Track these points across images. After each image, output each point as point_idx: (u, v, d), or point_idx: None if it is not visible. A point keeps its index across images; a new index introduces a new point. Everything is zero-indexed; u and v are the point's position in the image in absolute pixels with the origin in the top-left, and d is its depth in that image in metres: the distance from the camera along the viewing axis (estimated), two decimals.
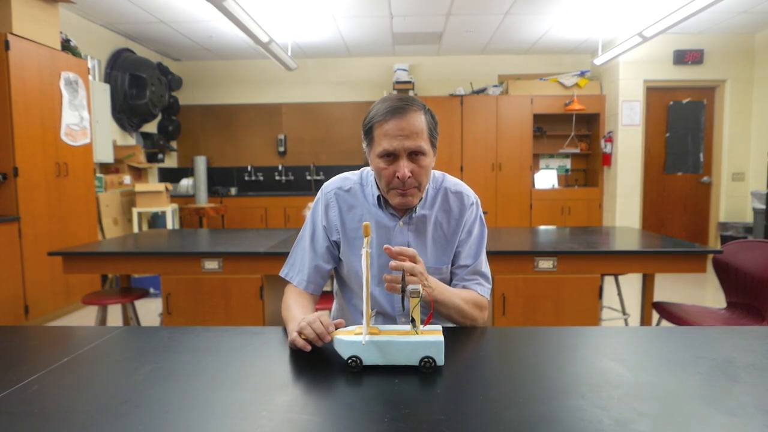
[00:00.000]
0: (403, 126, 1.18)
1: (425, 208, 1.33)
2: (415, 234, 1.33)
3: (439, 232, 1.34)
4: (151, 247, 2.59)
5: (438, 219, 1.34)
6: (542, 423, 0.74)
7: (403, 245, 1.24)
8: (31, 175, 3.74)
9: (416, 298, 0.97)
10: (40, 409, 0.82)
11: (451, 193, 1.35)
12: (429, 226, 1.33)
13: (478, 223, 1.36)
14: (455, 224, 1.34)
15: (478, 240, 1.36)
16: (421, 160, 1.21)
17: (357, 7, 4.85)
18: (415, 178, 1.22)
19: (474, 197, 1.38)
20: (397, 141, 1.18)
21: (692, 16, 4.07)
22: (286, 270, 1.41)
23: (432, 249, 1.33)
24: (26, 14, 3.69)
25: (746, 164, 6.03)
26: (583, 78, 6.42)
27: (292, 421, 0.77)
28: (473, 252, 1.35)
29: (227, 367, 0.99)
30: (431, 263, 1.32)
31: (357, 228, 1.34)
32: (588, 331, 1.21)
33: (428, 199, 1.34)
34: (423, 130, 1.20)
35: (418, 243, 1.32)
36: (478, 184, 6.43)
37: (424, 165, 1.22)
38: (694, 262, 2.40)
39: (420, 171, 1.22)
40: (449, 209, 1.34)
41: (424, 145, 1.20)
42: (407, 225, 1.32)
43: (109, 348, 1.11)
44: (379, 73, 6.89)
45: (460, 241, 1.34)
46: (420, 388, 0.88)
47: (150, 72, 5.77)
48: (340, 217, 1.35)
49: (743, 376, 0.91)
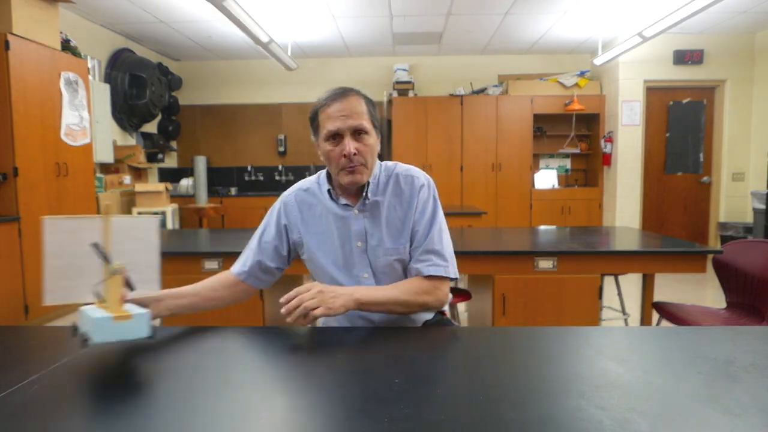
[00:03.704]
0: (345, 107, 1.29)
1: (378, 194, 1.39)
2: (371, 219, 1.39)
3: (393, 215, 1.39)
4: None
5: (391, 203, 1.39)
6: (542, 423, 0.74)
7: (360, 232, 1.38)
8: (31, 175, 3.73)
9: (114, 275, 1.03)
10: (40, 409, 0.82)
11: (402, 177, 1.41)
12: (383, 210, 1.39)
13: (430, 203, 1.40)
14: (407, 206, 1.39)
15: (430, 219, 1.39)
16: (365, 138, 1.31)
17: (357, 7, 4.85)
18: (361, 155, 1.31)
19: (425, 179, 1.42)
20: (339, 121, 1.29)
21: (692, 16, 4.07)
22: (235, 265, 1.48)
23: (387, 232, 1.38)
24: (26, 14, 3.68)
25: (746, 164, 6.03)
26: (583, 78, 6.42)
27: (292, 421, 0.77)
28: (425, 231, 1.38)
29: (227, 368, 0.99)
30: (389, 245, 1.38)
31: (318, 224, 1.42)
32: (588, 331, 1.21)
33: (380, 185, 1.40)
34: (364, 111, 1.31)
35: (374, 228, 1.38)
36: (478, 184, 6.43)
37: (369, 143, 1.32)
38: (694, 262, 2.40)
39: (365, 149, 1.31)
40: (401, 192, 1.40)
41: (366, 124, 1.31)
42: (362, 212, 1.38)
43: (110, 348, 1.11)
44: (379, 73, 6.89)
45: (414, 222, 1.39)
46: (420, 388, 0.88)
47: (150, 72, 5.77)
48: (301, 217, 1.44)
49: (743, 376, 0.91)
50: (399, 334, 1.24)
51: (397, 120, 6.39)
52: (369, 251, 1.38)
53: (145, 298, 1.19)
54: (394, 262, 1.38)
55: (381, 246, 1.37)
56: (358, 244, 1.38)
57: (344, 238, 1.39)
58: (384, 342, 1.18)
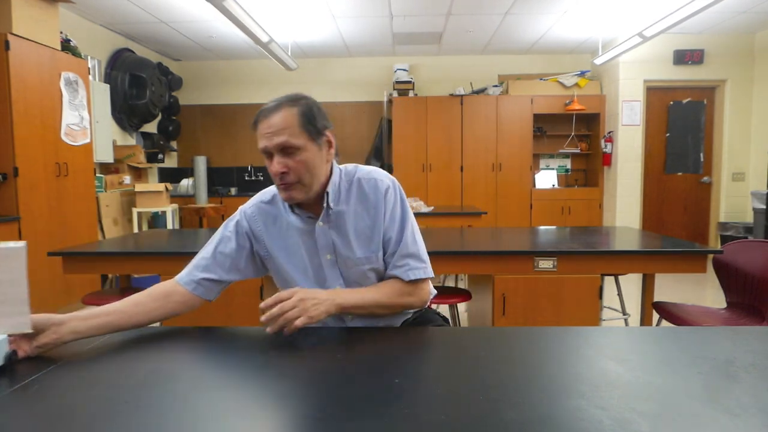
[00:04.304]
0: (270, 124, 1.22)
1: (341, 203, 1.33)
2: (337, 231, 1.33)
3: (360, 223, 1.33)
4: (151, 247, 2.59)
5: (357, 211, 1.33)
6: (542, 423, 0.74)
7: (328, 244, 1.32)
8: (31, 175, 3.73)
9: None
10: (40, 409, 0.82)
11: (365, 182, 1.34)
12: (349, 219, 1.33)
13: (398, 205, 1.35)
14: (374, 212, 1.33)
15: (401, 223, 1.35)
16: (295, 154, 1.23)
17: (357, 7, 4.85)
18: (293, 174, 1.23)
19: (389, 181, 1.36)
20: (266, 139, 1.22)
21: (692, 16, 4.07)
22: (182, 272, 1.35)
23: (356, 241, 1.33)
24: (26, 14, 3.69)
25: (746, 164, 6.03)
26: (583, 78, 6.42)
27: (291, 421, 0.77)
28: (398, 237, 1.34)
29: (227, 367, 0.99)
30: (360, 254, 1.33)
31: (284, 237, 1.35)
32: (588, 331, 1.21)
33: (342, 192, 1.34)
34: (291, 125, 1.21)
35: (342, 239, 1.33)
36: (478, 184, 6.43)
37: (300, 159, 1.23)
38: (694, 262, 2.39)
39: (297, 166, 1.23)
40: (366, 198, 1.33)
41: (293, 140, 1.21)
42: (326, 224, 1.33)
43: (109, 348, 1.11)
44: (379, 73, 6.89)
45: (386, 229, 1.34)
46: (420, 388, 0.88)
47: (150, 72, 5.77)
48: (266, 230, 1.36)
49: (743, 376, 0.91)
50: (399, 334, 1.24)
51: (397, 120, 6.39)
52: (340, 263, 1.34)
53: (45, 321, 1.05)
54: (367, 272, 1.35)
55: (352, 257, 1.33)
56: (327, 257, 1.34)
57: (312, 252, 1.34)
58: (384, 342, 1.18)
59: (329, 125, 1.29)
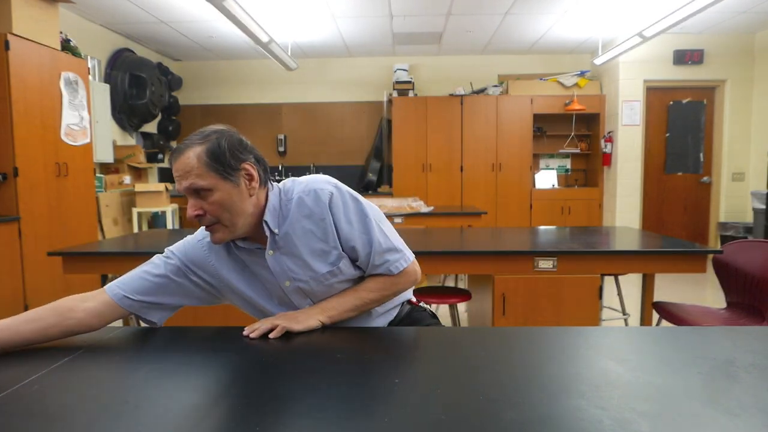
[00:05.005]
0: (177, 167, 1.15)
1: (285, 225, 1.24)
2: (289, 255, 1.25)
3: (312, 239, 1.24)
4: (151, 247, 2.59)
5: (304, 227, 1.24)
6: (542, 423, 0.74)
7: (284, 272, 1.24)
8: (31, 175, 3.73)
9: None
10: (40, 409, 0.82)
11: (304, 196, 1.24)
12: (298, 240, 1.24)
13: (350, 208, 1.25)
14: (323, 224, 1.24)
15: (361, 225, 1.26)
16: (208, 196, 1.15)
17: (357, 7, 4.85)
18: (209, 215, 1.16)
19: (331, 187, 1.25)
20: (178, 183, 1.15)
21: (692, 16, 4.07)
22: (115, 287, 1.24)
23: (313, 259, 1.25)
24: (26, 14, 3.68)
25: (746, 164, 6.03)
26: (583, 78, 6.42)
27: (291, 420, 0.77)
28: (365, 239, 1.26)
29: (227, 367, 0.99)
30: (322, 270, 1.25)
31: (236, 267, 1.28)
32: (588, 331, 1.21)
33: (285, 214, 1.25)
34: (196, 166, 1.13)
35: (296, 262, 1.25)
36: (478, 184, 6.43)
37: (214, 200, 1.15)
38: (694, 262, 2.39)
39: (211, 207, 1.15)
40: (311, 213, 1.24)
41: (200, 182, 1.13)
42: (276, 251, 1.24)
43: (109, 348, 1.11)
44: (379, 73, 6.89)
45: (346, 237, 1.25)
46: (420, 389, 0.88)
47: (150, 72, 5.77)
48: (217, 258, 1.28)
49: (743, 376, 0.91)
50: (399, 334, 1.24)
51: (397, 120, 6.39)
52: (302, 286, 1.27)
53: None
54: (334, 284, 1.28)
55: (314, 275, 1.25)
56: (286, 284, 1.26)
57: (270, 281, 1.27)
58: (384, 342, 1.18)
59: (245, 158, 1.18)
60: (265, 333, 1.16)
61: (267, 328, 1.17)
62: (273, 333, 1.16)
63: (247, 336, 1.16)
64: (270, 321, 1.19)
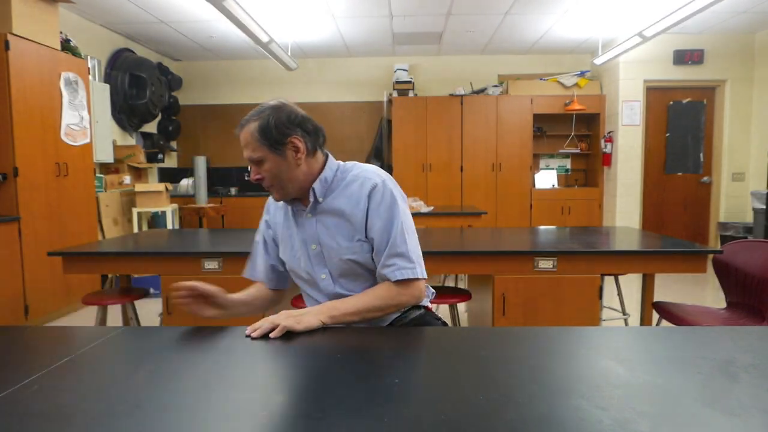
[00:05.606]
0: (241, 140, 1.35)
1: (330, 197, 1.41)
2: (322, 223, 1.41)
3: (344, 217, 1.39)
4: (151, 247, 2.59)
5: (342, 205, 1.39)
6: (542, 423, 0.74)
7: (312, 235, 1.42)
8: (31, 175, 3.73)
9: None
10: (40, 409, 0.82)
11: (353, 178, 1.41)
12: (336, 212, 1.40)
13: (386, 203, 1.36)
14: (358, 209, 1.38)
15: (388, 221, 1.36)
16: (262, 165, 1.35)
17: (357, 7, 4.85)
18: (267, 180, 1.36)
19: (378, 179, 1.39)
20: (244, 152, 1.36)
21: (692, 16, 4.07)
22: (248, 271, 1.57)
23: (339, 233, 1.39)
24: (26, 14, 3.69)
25: (746, 164, 6.03)
26: (583, 78, 6.42)
27: (291, 421, 0.77)
28: (385, 236, 1.36)
29: (227, 367, 0.99)
30: (343, 244, 1.39)
31: (288, 225, 1.48)
32: (588, 331, 1.21)
33: (333, 188, 1.41)
34: (250, 141, 1.33)
35: (326, 231, 1.41)
36: (478, 184, 6.43)
37: (266, 168, 1.35)
38: (694, 262, 2.39)
39: (266, 174, 1.35)
40: (352, 195, 1.39)
41: (255, 155, 1.33)
42: (314, 216, 1.42)
43: (109, 348, 1.11)
44: (379, 73, 6.89)
45: (370, 227, 1.37)
46: (420, 389, 0.88)
47: (150, 72, 5.77)
48: (275, 219, 1.52)
49: (743, 376, 0.91)
50: (398, 335, 1.24)
51: (397, 120, 6.39)
52: (324, 253, 1.41)
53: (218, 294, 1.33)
54: (350, 263, 1.39)
55: (334, 247, 1.39)
56: (312, 247, 1.42)
57: (302, 240, 1.44)
58: (384, 342, 1.18)
59: (291, 132, 1.33)
60: (267, 332, 1.17)
61: (268, 327, 1.18)
62: (274, 333, 1.17)
63: (248, 335, 1.17)
64: (271, 321, 1.20)
